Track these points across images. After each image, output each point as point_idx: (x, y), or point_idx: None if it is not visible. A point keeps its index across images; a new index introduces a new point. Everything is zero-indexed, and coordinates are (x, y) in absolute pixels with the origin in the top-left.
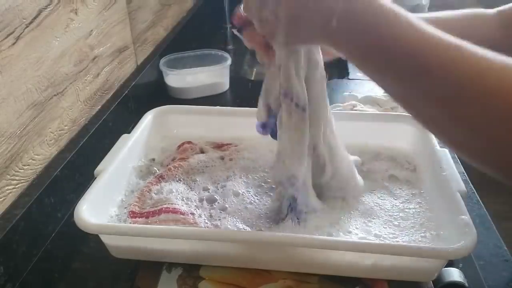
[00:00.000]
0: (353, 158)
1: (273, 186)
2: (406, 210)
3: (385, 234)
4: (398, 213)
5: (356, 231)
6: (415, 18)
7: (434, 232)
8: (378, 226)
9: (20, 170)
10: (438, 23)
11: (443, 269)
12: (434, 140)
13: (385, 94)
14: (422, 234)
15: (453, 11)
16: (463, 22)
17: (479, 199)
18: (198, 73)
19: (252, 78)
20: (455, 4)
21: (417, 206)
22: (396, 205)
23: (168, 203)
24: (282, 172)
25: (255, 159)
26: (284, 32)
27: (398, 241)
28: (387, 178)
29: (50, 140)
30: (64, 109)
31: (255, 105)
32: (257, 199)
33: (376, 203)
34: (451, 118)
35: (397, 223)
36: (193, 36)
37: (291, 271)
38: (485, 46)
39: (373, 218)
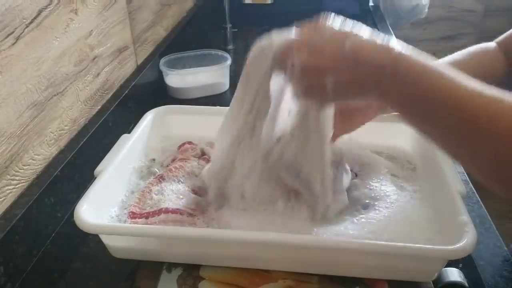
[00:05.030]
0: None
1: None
2: (406, 209)
3: (385, 234)
4: (398, 213)
5: (355, 231)
6: (453, 70)
7: (434, 232)
8: (378, 226)
9: (20, 170)
10: (457, 68)
11: (443, 269)
12: None
13: None
14: (422, 234)
15: (460, 54)
16: (474, 62)
17: (479, 199)
18: (198, 73)
19: None
20: (455, 4)
21: (417, 206)
22: (396, 205)
23: (168, 204)
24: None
25: None
26: (335, 96)
27: (398, 241)
28: (387, 178)
29: (50, 140)
30: (64, 109)
31: None
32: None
33: (376, 203)
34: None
35: (397, 223)
36: (193, 36)
37: (291, 271)
38: (498, 81)
39: (373, 218)
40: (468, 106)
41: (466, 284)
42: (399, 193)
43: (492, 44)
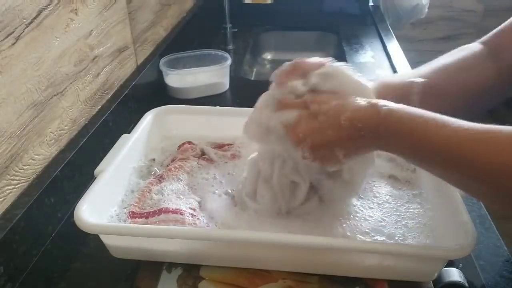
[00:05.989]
0: None
1: None
2: (406, 210)
3: (385, 234)
4: (398, 213)
5: (353, 232)
6: (440, 116)
7: (434, 232)
8: (377, 227)
9: (20, 170)
10: (444, 75)
11: (443, 269)
12: None
13: None
14: (422, 234)
15: (448, 56)
16: (462, 66)
17: None
18: (198, 73)
19: (252, 78)
20: (455, 4)
21: (418, 206)
22: (396, 206)
23: (168, 203)
24: None
25: None
26: (346, 160)
27: (398, 241)
28: (387, 179)
29: (50, 140)
30: (64, 109)
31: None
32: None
33: (375, 203)
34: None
35: (397, 223)
36: (193, 36)
37: (291, 271)
38: (488, 81)
39: (373, 218)
40: (463, 149)
41: (466, 284)
42: (399, 194)
43: (477, 46)
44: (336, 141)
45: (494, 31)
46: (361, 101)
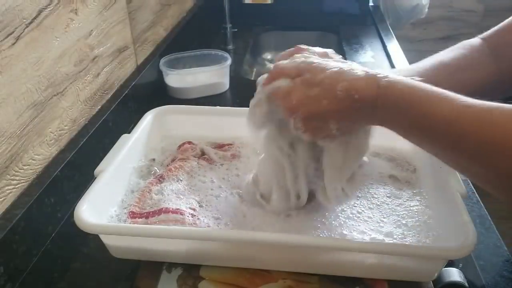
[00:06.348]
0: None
1: None
2: (406, 210)
3: (385, 235)
4: (397, 213)
5: (353, 233)
6: (441, 91)
7: (434, 232)
8: (377, 227)
9: (20, 170)
10: (443, 73)
11: (443, 269)
12: None
13: None
14: (422, 234)
15: (448, 53)
16: (461, 63)
17: (479, 199)
18: (198, 73)
19: (252, 78)
20: (455, 4)
21: (418, 206)
22: (396, 206)
23: (168, 203)
24: None
25: (256, 158)
26: (340, 133)
27: (398, 241)
28: (387, 179)
29: (50, 140)
30: (64, 109)
31: None
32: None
33: (375, 203)
34: (486, 167)
35: (397, 223)
36: (193, 36)
37: (291, 271)
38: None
39: (373, 218)
40: (458, 123)
41: (466, 284)
42: (399, 194)
43: (477, 41)
44: (330, 112)
45: (495, 28)
46: (359, 71)
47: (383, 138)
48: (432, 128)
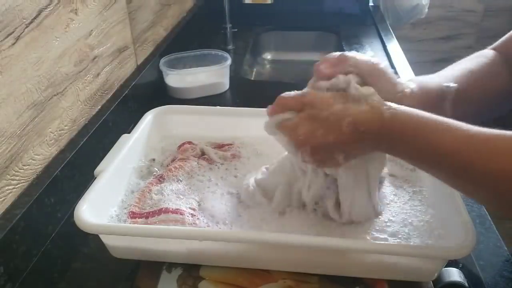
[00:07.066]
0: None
1: None
2: (406, 210)
3: (385, 235)
4: (397, 213)
5: (354, 232)
6: (443, 120)
7: (434, 232)
8: (377, 227)
9: (20, 170)
10: (470, 80)
11: (443, 269)
12: None
13: None
14: (422, 234)
15: (471, 61)
16: (483, 70)
17: None
18: (198, 73)
19: (252, 78)
20: (455, 4)
21: (417, 206)
22: (395, 205)
23: (168, 204)
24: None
25: (256, 159)
26: (346, 162)
27: (398, 241)
28: (387, 178)
29: (50, 140)
30: (64, 109)
31: (255, 105)
32: None
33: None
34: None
35: (397, 223)
36: (193, 36)
37: (291, 271)
38: (504, 87)
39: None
40: (463, 153)
41: (466, 284)
42: (398, 193)
43: (490, 52)
44: (336, 145)
45: (503, 38)
46: (363, 105)
47: None
48: (438, 158)
